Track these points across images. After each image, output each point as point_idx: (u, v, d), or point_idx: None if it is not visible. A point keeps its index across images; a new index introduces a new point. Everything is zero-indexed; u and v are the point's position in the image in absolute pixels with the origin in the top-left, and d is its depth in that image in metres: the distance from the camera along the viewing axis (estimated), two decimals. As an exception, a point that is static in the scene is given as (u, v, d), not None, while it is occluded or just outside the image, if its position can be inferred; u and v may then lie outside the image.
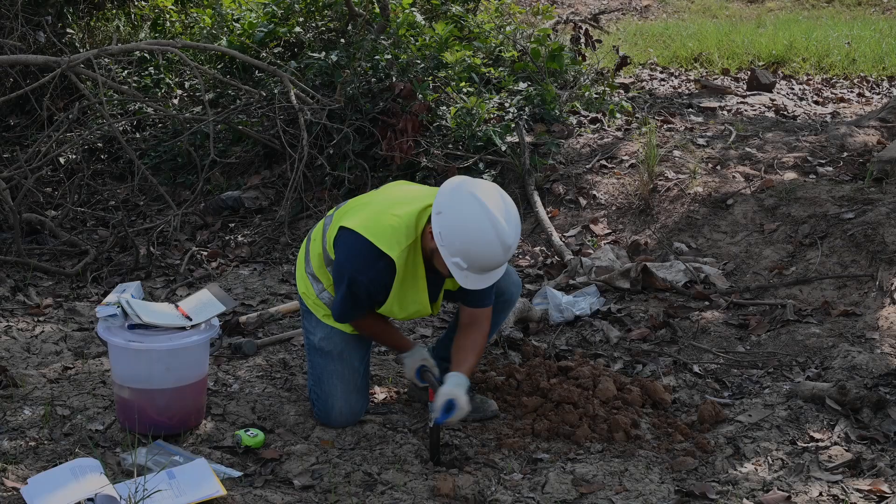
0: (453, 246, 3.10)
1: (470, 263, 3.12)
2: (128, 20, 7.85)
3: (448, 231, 3.11)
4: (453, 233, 3.10)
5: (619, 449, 3.40)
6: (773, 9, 12.89)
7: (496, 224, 3.09)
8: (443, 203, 3.14)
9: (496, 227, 3.09)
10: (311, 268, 3.48)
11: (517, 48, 6.90)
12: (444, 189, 3.19)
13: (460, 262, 3.12)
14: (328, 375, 3.46)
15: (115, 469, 3.11)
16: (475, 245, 3.09)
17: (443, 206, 3.13)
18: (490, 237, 3.09)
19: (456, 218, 3.10)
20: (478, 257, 3.11)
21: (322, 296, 3.47)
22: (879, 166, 5.23)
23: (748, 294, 4.61)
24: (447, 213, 3.12)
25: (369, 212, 3.32)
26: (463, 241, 3.09)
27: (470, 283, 3.17)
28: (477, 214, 3.09)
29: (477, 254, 3.10)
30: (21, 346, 4.12)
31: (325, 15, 7.02)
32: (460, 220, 3.10)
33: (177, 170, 6.47)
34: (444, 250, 3.12)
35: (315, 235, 3.51)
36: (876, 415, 3.41)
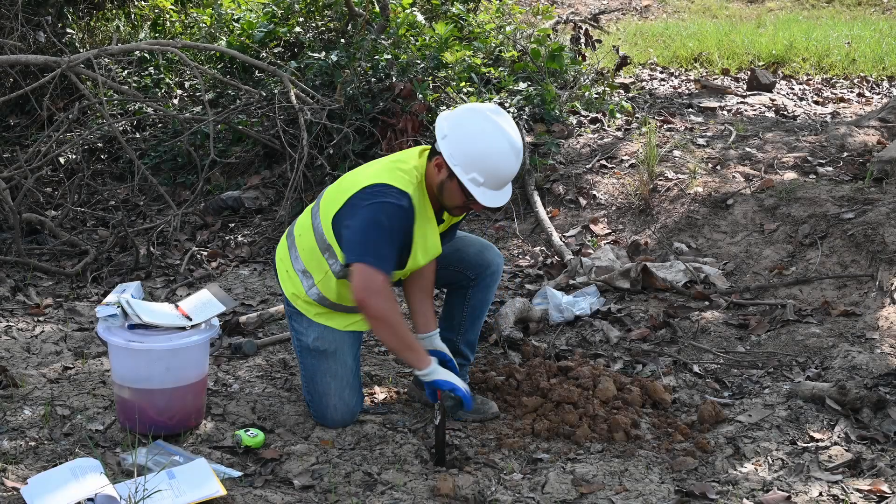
0: (467, 161, 3.16)
1: (486, 177, 3.17)
2: (128, 20, 7.85)
3: (459, 147, 3.17)
4: (465, 147, 3.16)
5: (619, 449, 3.40)
6: (773, 9, 12.89)
7: (503, 130, 3.18)
8: (446, 126, 3.21)
9: (504, 133, 3.18)
10: (301, 263, 3.44)
11: (517, 48, 6.90)
12: (442, 117, 3.26)
13: (477, 177, 3.17)
14: (321, 374, 3.46)
15: (115, 469, 3.11)
16: (489, 153, 3.16)
17: (447, 129, 3.20)
18: (501, 142, 3.17)
19: (465, 132, 3.18)
20: (493, 166, 3.17)
21: (311, 292, 3.42)
22: (879, 166, 5.23)
23: (748, 294, 4.61)
24: (455, 132, 3.19)
25: (370, 170, 3.36)
26: (476, 152, 3.15)
27: (488, 199, 3.22)
28: (484, 124, 3.18)
29: (492, 163, 3.17)
30: (21, 346, 4.12)
31: (325, 15, 7.02)
32: (470, 132, 3.17)
33: (177, 170, 6.47)
34: (459, 169, 3.16)
35: (301, 230, 3.47)
36: (876, 415, 3.41)
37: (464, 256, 3.61)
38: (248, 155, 6.39)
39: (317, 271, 3.41)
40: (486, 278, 3.64)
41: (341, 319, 3.46)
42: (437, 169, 3.25)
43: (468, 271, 3.62)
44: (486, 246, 3.68)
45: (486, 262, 3.63)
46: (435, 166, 3.25)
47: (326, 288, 3.41)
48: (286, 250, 3.54)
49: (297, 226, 3.52)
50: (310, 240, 3.42)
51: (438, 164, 3.24)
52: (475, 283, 3.64)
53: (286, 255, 3.53)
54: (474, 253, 3.63)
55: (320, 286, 3.41)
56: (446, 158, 3.18)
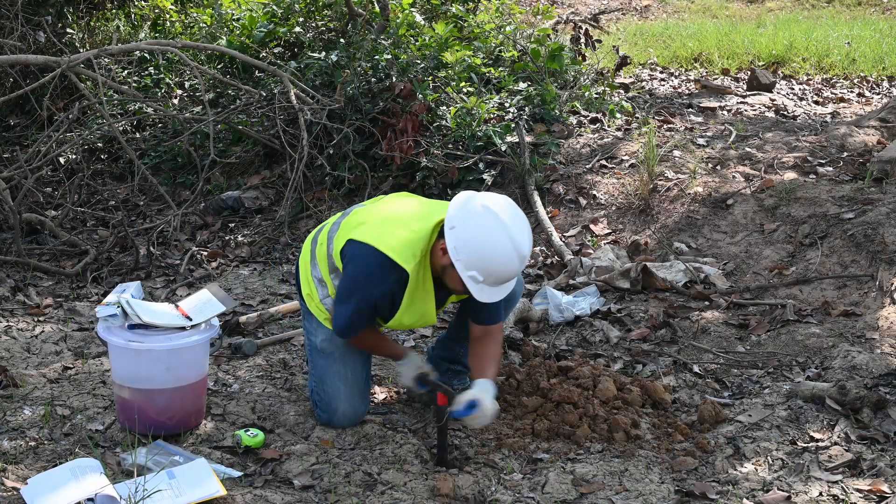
0: (469, 260, 3.08)
1: (486, 276, 3.10)
2: (128, 20, 7.86)
3: (463, 245, 3.08)
4: (469, 246, 3.08)
5: (619, 449, 3.40)
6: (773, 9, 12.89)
7: (511, 235, 3.08)
8: (455, 217, 3.12)
9: (512, 239, 3.08)
10: (319, 272, 3.43)
11: (517, 48, 6.90)
12: (455, 203, 3.16)
13: (476, 276, 3.10)
14: (331, 377, 3.45)
15: (115, 469, 3.11)
16: (491, 258, 3.07)
17: (456, 221, 3.11)
18: (506, 248, 3.08)
19: (471, 231, 3.08)
20: (494, 270, 3.09)
21: (325, 301, 3.43)
22: (879, 166, 5.23)
23: (748, 294, 4.61)
24: (461, 227, 3.09)
25: (382, 225, 3.28)
26: (479, 254, 3.07)
27: (485, 296, 3.15)
28: (492, 227, 3.08)
29: (493, 266, 3.09)
30: (21, 346, 4.12)
31: (325, 15, 7.03)
32: (475, 233, 3.08)
33: (177, 170, 6.47)
34: (460, 264, 3.09)
35: (322, 239, 3.46)
36: (876, 415, 3.41)
37: None
38: (248, 155, 6.39)
39: (329, 284, 3.41)
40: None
41: None
42: (441, 252, 3.18)
43: None
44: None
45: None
46: (440, 248, 3.18)
47: None
48: (309, 253, 3.51)
49: (321, 233, 3.50)
50: (324, 256, 3.41)
51: (443, 249, 3.16)
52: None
53: (307, 259, 3.51)
54: None
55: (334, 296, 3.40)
56: (449, 251, 3.10)
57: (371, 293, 3.22)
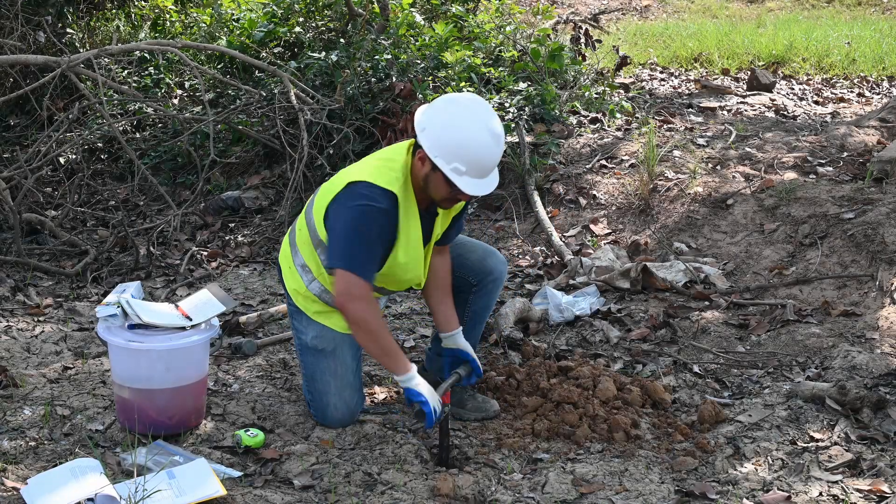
0: (448, 151, 3.17)
1: (468, 165, 3.17)
2: (128, 20, 7.86)
3: (438, 137, 3.18)
4: (444, 136, 3.17)
5: (619, 449, 3.40)
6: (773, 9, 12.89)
7: (481, 117, 3.20)
8: (423, 120, 3.23)
9: (481, 120, 3.19)
10: (301, 258, 3.46)
11: (517, 48, 6.90)
12: (419, 111, 3.28)
13: (459, 167, 3.17)
14: (321, 373, 3.46)
15: (115, 469, 3.11)
16: (467, 142, 3.16)
17: (425, 122, 3.22)
18: (479, 129, 3.18)
19: (442, 123, 3.19)
20: (474, 154, 3.17)
21: (312, 286, 3.43)
22: (879, 166, 5.23)
23: (748, 294, 4.61)
24: (432, 124, 3.20)
25: (358, 167, 3.39)
26: (455, 142, 3.16)
27: (472, 188, 3.21)
28: (461, 113, 3.20)
29: (472, 150, 3.17)
30: (21, 346, 4.12)
31: (325, 15, 7.03)
32: (447, 123, 3.19)
33: (177, 170, 6.47)
34: (440, 160, 3.17)
35: (300, 225, 3.51)
36: (876, 415, 3.41)
37: (466, 262, 3.60)
38: (248, 155, 6.39)
39: (315, 266, 3.43)
40: (488, 285, 3.63)
41: (340, 319, 3.44)
42: (420, 163, 3.26)
43: (470, 277, 3.62)
44: (490, 252, 3.68)
45: (488, 269, 3.62)
46: (419, 160, 3.26)
47: (326, 282, 3.41)
48: (288, 246, 3.56)
49: (298, 221, 3.55)
50: (305, 234, 3.45)
51: (421, 158, 3.25)
52: (477, 290, 3.63)
53: (288, 252, 3.55)
54: (477, 259, 3.63)
55: (320, 279, 3.42)
56: (426, 151, 3.19)
57: (369, 233, 3.22)
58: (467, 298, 3.63)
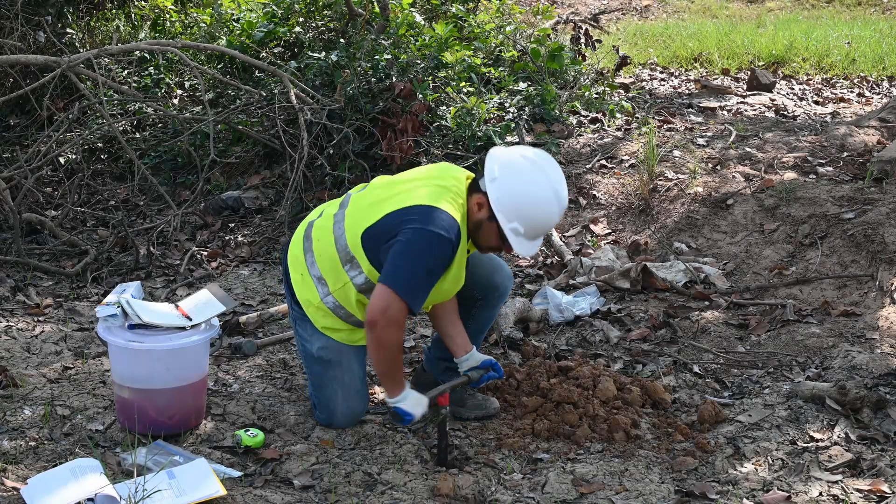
0: (513, 210, 3.10)
1: (527, 228, 3.13)
2: (128, 20, 7.86)
3: (506, 196, 3.10)
4: (512, 198, 3.09)
5: (619, 449, 3.40)
6: (773, 9, 12.89)
7: (554, 184, 3.12)
8: (496, 169, 3.13)
9: (554, 188, 3.12)
10: (318, 270, 3.35)
11: (517, 48, 6.90)
12: (494, 156, 3.17)
13: (518, 227, 3.12)
14: (328, 382, 3.44)
15: (115, 469, 3.11)
16: (535, 207, 3.10)
17: (497, 172, 3.12)
18: (549, 197, 3.11)
19: (514, 181, 3.10)
20: (537, 220, 3.13)
21: (327, 300, 3.35)
22: (879, 166, 5.23)
23: (748, 294, 4.61)
24: (504, 178, 3.11)
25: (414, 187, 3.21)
26: (523, 204, 3.09)
27: (524, 249, 3.18)
28: (536, 176, 3.11)
29: (536, 216, 3.12)
30: (21, 346, 4.11)
31: (325, 15, 7.03)
32: (519, 182, 3.09)
33: (177, 170, 6.47)
34: (502, 216, 3.11)
35: (319, 234, 3.37)
36: (876, 415, 3.41)
37: (472, 276, 3.47)
38: (248, 155, 6.38)
39: (334, 281, 3.32)
40: (493, 300, 3.58)
41: (348, 335, 3.41)
42: (477, 207, 3.18)
43: (475, 291, 3.52)
44: (497, 268, 3.58)
45: (493, 285, 3.54)
46: (476, 204, 3.18)
47: (344, 298, 3.33)
48: (301, 253, 3.42)
49: (316, 228, 3.40)
50: (329, 247, 3.31)
51: (480, 203, 3.17)
52: (482, 304, 3.57)
53: (301, 259, 3.42)
54: (484, 274, 3.52)
55: (336, 295, 3.33)
56: (492, 202, 3.11)
57: (434, 264, 3.10)
58: (471, 311, 3.56)
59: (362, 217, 3.23)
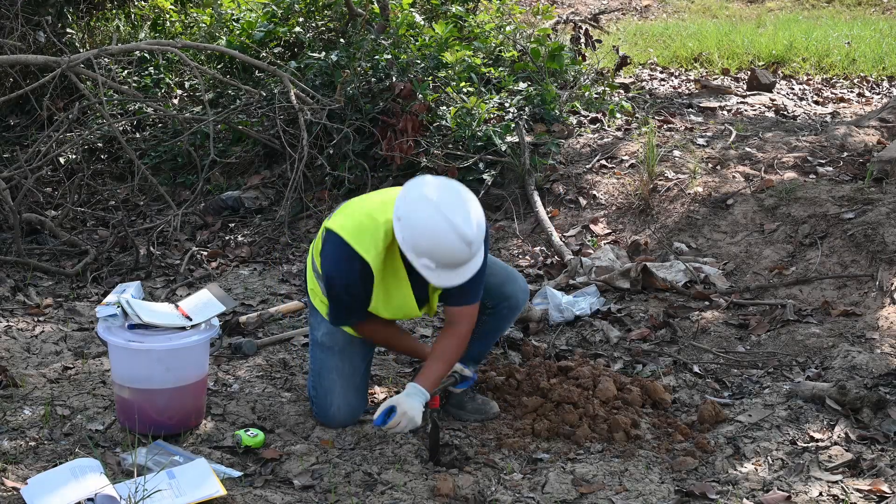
0: (417, 248, 3.10)
1: (437, 262, 3.11)
2: (128, 20, 7.85)
3: (409, 234, 3.10)
4: (413, 235, 3.09)
5: (619, 449, 3.40)
6: (773, 9, 12.89)
7: (451, 221, 3.06)
8: (400, 207, 3.14)
9: (451, 224, 3.06)
10: (317, 266, 3.45)
11: (517, 48, 6.90)
12: (401, 193, 3.19)
13: (428, 263, 3.11)
14: (328, 370, 3.46)
15: (115, 469, 3.11)
16: (436, 244, 3.07)
17: (400, 211, 3.14)
18: (448, 234, 3.06)
19: (412, 221, 3.09)
20: (442, 255, 3.09)
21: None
22: (879, 166, 5.23)
23: (748, 294, 4.61)
24: (405, 218, 3.12)
25: (350, 213, 3.32)
26: (423, 241, 3.08)
27: (443, 280, 3.15)
28: (431, 214, 3.07)
29: (441, 253, 3.08)
30: (21, 346, 4.12)
31: (325, 15, 7.03)
32: (416, 222, 3.08)
33: (177, 170, 6.47)
34: (411, 255, 3.12)
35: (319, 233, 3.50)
36: (876, 415, 3.41)
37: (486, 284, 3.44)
38: (248, 155, 6.38)
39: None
40: (503, 310, 3.56)
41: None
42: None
43: (487, 300, 3.49)
44: (511, 278, 3.58)
45: (505, 295, 3.53)
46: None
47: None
48: (312, 250, 3.54)
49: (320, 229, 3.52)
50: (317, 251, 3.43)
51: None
52: (491, 312, 3.54)
53: (311, 255, 3.54)
54: (496, 283, 3.51)
55: None
56: (399, 242, 3.14)
57: (337, 283, 3.25)
58: (481, 318, 3.50)
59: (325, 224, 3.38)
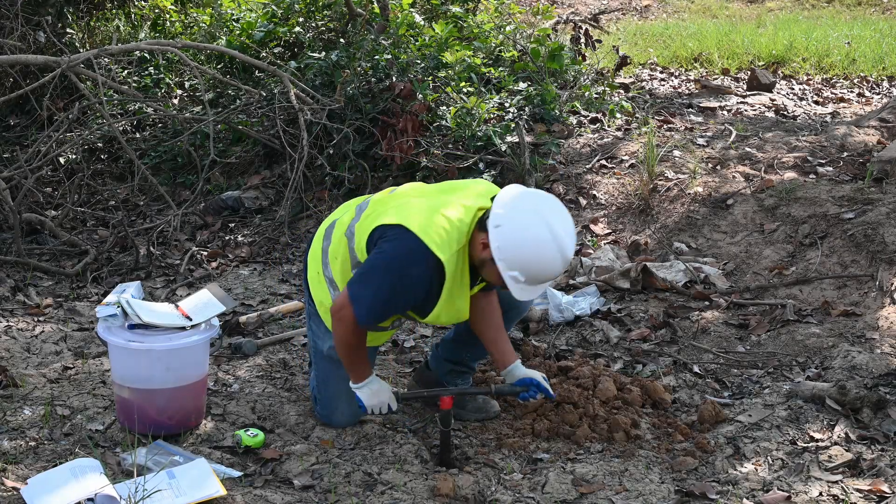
0: (513, 261, 3.02)
1: (528, 277, 3.05)
2: (128, 20, 7.86)
3: (508, 245, 3.02)
4: (514, 248, 3.02)
5: (619, 449, 3.40)
6: (773, 9, 12.89)
7: (558, 240, 3.03)
8: (501, 216, 3.05)
9: (558, 243, 3.03)
10: (331, 271, 3.35)
11: (517, 48, 6.90)
12: (502, 201, 3.09)
13: (518, 276, 3.05)
14: (335, 379, 3.44)
15: (115, 469, 3.11)
16: (536, 261, 3.02)
17: (501, 220, 3.04)
18: (552, 253, 3.03)
19: (517, 233, 3.02)
20: (537, 272, 3.05)
21: None
22: (879, 166, 5.23)
23: (748, 294, 4.61)
24: (507, 228, 3.03)
25: (420, 210, 3.16)
26: (524, 256, 3.02)
27: (524, 294, 3.12)
28: (539, 230, 3.02)
29: (537, 269, 3.04)
30: (21, 346, 4.12)
31: (325, 15, 7.02)
32: (521, 235, 3.01)
33: (177, 170, 6.47)
34: (503, 264, 3.03)
35: (336, 238, 3.36)
36: (876, 415, 3.41)
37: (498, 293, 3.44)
38: (248, 155, 6.39)
39: (342, 283, 3.31)
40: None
41: None
42: (482, 246, 3.10)
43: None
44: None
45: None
46: (480, 243, 3.10)
47: None
48: (320, 251, 3.42)
49: (336, 231, 3.39)
50: (343, 252, 3.31)
51: (484, 244, 3.08)
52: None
53: (319, 256, 3.41)
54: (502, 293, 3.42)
55: None
56: (493, 250, 3.04)
57: (409, 274, 3.07)
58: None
59: (368, 224, 3.21)
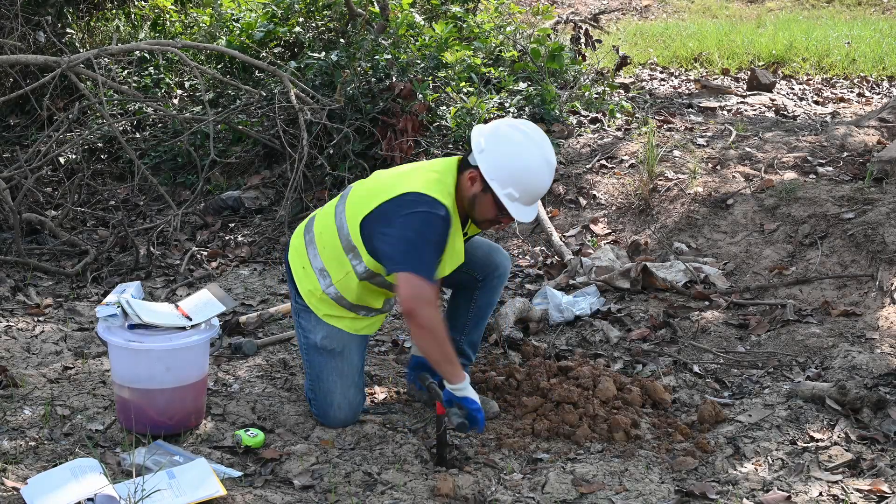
0: (506, 178, 3.21)
1: (522, 192, 3.23)
2: (128, 20, 7.86)
3: (498, 163, 3.22)
4: (504, 163, 3.21)
5: (619, 449, 3.40)
6: (773, 9, 12.90)
7: (541, 148, 3.26)
8: (483, 141, 3.25)
9: (542, 151, 3.25)
10: (320, 261, 3.41)
11: (517, 48, 6.90)
12: (477, 131, 3.29)
13: (513, 193, 3.23)
14: (328, 372, 3.46)
15: (115, 469, 3.11)
16: (527, 172, 3.22)
17: (486, 144, 3.24)
18: (538, 159, 3.24)
19: (502, 148, 3.23)
20: (530, 182, 3.24)
21: (329, 290, 3.40)
22: (879, 166, 5.23)
23: (748, 294, 4.61)
24: (493, 147, 3.23)
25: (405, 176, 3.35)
26: (514, 168, 3.21)
27: (521, 214, 3.28)
28: (523, 141, 3.24)
29: (528, 179, 3.23)
30: (21, 346, 4.12)
31: (324, 15, 7.03)
32: (508, 150, 3.22)
33: (177, 170, 6.47)
34: (496, 184, 3.21)
35: (322, 228, 3.44)
36: (876, 415, 3.41)
37: (471, 258, 3.57)
38: (248, 155, 6.39)
39: (337, 271, 3.38)
40: (493, 280, 3.66)
41: (351, 323, 3.45)
42: (470, 182, 3.28)
43: (476, 273, 3.63)
44: (495, 248, 3.71)
45: (493, 265, 3.65)
46: (468, 179, 3.28)
47: (346, 288, 3.39)
48: (303, 246, 3.50)
49: (318, 223, 3.49)
50: (332, 239, 3.39)
51: (472, 178, 3.27)
52: (482, 285, 3.66)
53: (303, 252, 3.49)
54: (482, 255, 3.64)
55: (339, 286, 3.39)
56: (483, 172, 3.22)
57: (432, 237, 3.21)
58: (472, 294, 3.67)
59: (362, 206, 3.33)
